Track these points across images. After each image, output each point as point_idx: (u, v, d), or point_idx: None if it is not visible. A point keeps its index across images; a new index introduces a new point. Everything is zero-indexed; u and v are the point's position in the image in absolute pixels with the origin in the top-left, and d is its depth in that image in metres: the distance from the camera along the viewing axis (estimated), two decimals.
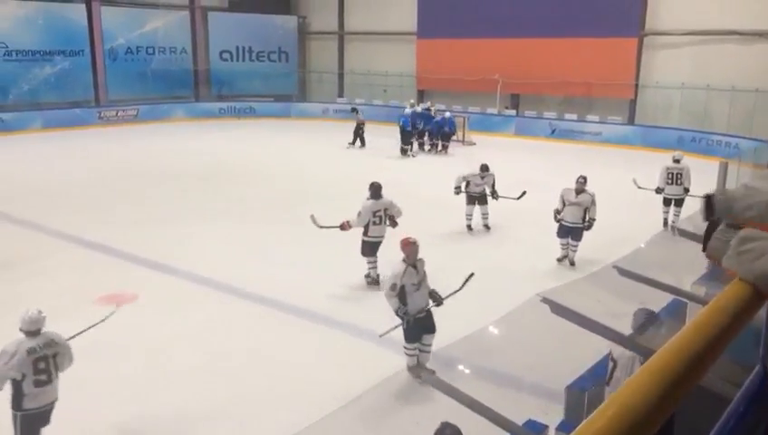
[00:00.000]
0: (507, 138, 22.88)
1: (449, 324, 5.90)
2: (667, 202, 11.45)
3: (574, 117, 22.99)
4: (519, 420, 3.99)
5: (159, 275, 9.32)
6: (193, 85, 28.27)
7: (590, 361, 4.64)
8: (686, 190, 11.16)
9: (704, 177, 11.16)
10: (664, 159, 17.68)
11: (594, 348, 4.16)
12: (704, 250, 1.34)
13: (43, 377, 4.76)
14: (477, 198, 11.39)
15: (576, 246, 9.53)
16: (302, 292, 8.51)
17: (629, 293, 4.62)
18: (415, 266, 6.16)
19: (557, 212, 9.52)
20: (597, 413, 0.87)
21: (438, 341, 4.30)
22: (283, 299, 8.28)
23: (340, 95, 29.26)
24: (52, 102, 23.81)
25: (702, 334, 1.12)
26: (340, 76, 29.69)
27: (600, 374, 4.55)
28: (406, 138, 19.37)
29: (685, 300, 4.38)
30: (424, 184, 14.79)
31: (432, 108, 21.77)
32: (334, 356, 6.86)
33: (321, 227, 8.92)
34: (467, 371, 3.74)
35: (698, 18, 19.85)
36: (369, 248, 8.79)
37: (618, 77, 22.22)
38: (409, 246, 6.25)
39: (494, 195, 11.40)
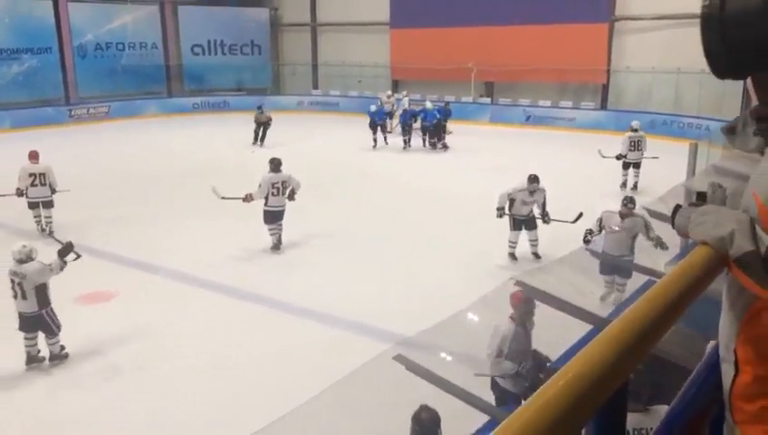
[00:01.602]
0: (483, 126, 22.99)
1: (423, 308, 5.98)
2: (626, 166, 13.29)
3: (548, 103, 23.16)
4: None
5: (139, 274, 9.28)
6: (165, 80, 27.93)
7: (567, 341, 4.70)
8: (642, 154, 13.18)
9: (676, 158, 11.33)
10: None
11: (570, 329, 4.22)
12: (672, 227, 1.41)
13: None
14: (525, 222, 9.37)
15: (624, 285, 6.96)
16: (293, 286, 8.52)
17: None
18: (525, 326, 4.75)
19: (588, 234, 7.45)
20: (550, 382, 0.90)
21: (414, 326, 4.36)
22: (276, 296, 8.29)
23: (315, 87, 29.13)
24: (21, 102, 23.37)
25: (656, 302, 1.15)
26: (314, 68, 29.54)
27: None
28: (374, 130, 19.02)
29: (657, 280, 4.46)
30: (395, 172, 14.84)
31: (387, 98, 21.33)
32: (318, 346, 6.89)
33: (224, 198, 9.89)
34: (443, 355, 3.79)
35: (667, 2, 20.05)
36: (270, 217, 9.90)
37: (589, 62, 22.41)
38: (520, 302, 4.64)
39: (546, 218, 9.31)
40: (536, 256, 9.25)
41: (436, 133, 18.71)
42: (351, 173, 15.46)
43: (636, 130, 13.37)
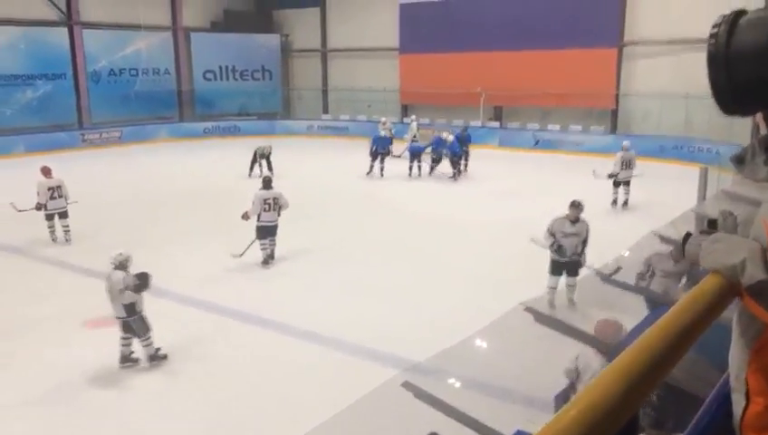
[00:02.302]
0: (492, 149, 23.02)
1: (434, 336, 5.93)
2: (617, 184, 13.91)
3: (557, 128, 23.18)
4: (508, 431, 3.99)
5: (151, 298, 9.26)
6: (177, 106, 28.25)
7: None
8: (632, 172, 13.86)
9: (686, 183, 11.30)
10: (647, 166, 17.89)
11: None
12: (683, 255, 1.40)
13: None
14: (567, 266, 8.21)
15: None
16: (296, 309, 8.49)
17: (613, 300, 4.65)
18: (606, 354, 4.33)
19: (639, 279, 6.53)
20: (560, 413, 0.89)
21: (422, 352, 4.32)
22: (279, 318, 8.26)
23: (325, 112, 29.36)
24: (35, 126, 23.67)
25: (667, 332, 1.14)
26: (324, 93, 29.80)
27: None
28: (374, 156, 18.02)
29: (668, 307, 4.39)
30: (406, 200, 14.84)
31: (383, 125, 19.68)
32: (322, 370, 6.85)
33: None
34: (453, 381, 3.75)
35: (675, 27, 20.14)
36: (263, 232, 10.44)
37: (599, 87, 22.46)
38: (609, 329, 4.23)
39: (582, 258, 8.24)
40: (571, 302, 7.70)
41: (456, 162, 17.62)
42: (358, 198, 15.48)
43: (627, 150, 14.06)
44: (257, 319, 8.32)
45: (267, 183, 10.60)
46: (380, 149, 17.88)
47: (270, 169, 18.17)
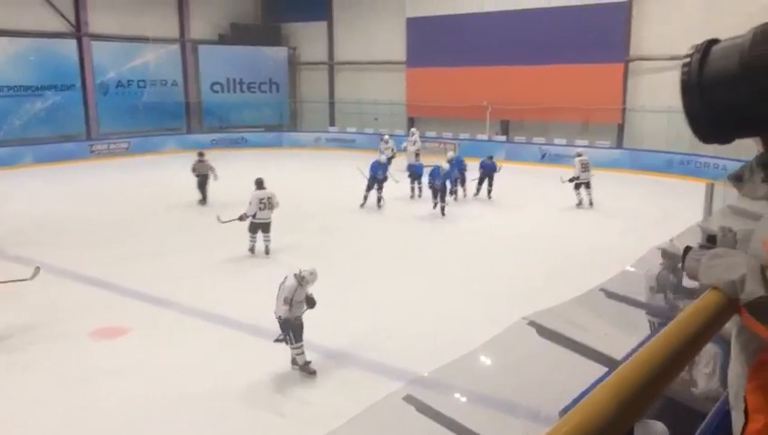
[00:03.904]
0: (498, 163, 22.97)
1: (439, 349, 5.91)
2: (578, 187, 15.32)
3: (563, 142, 23.18)
4: None
5: (155, 309, 9.29)
6: (185, 117, 28.42)
7: (582, 384, 4.62)
8: (590, 174, 15.32)
9: (693, 198, 11.27)
10: (653, 181, 17.89)
11: (583, 371, 4.15)
12: (682, 269, 1.40)
13: None
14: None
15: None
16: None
17: (617, 315, 4.63)
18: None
19: None
20: (553, 429, 0.88)
21: (425, 365, 4.30)
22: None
23: (332, 124, 29.47)
24: (43, 137, 23.85)
25: (665, 347, 1.13)
26: (331, 105, 29.93)
27: None
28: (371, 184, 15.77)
29: None
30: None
31: (386, 143, 19.29)
32: (327, 382, 6.83)
33: (224, 222, 11.39)
34: (455, 395, 3.73)
35: (679, 43, 20.00)
36: (255, 227, 11.52)
37: (605, 102, 22.48)
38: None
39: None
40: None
41: (453, 190, 15.98)
42: (363, 211, 15.42)
43: (581, 156, 15.67)
44: (264, 332, 8.30)
45: (260, 183, 11.63)
46: (378, 177, 15.70)
47: (204, 195, 16.02)
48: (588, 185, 15.38)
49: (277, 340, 7.14)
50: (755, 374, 1.16)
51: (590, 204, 15.45)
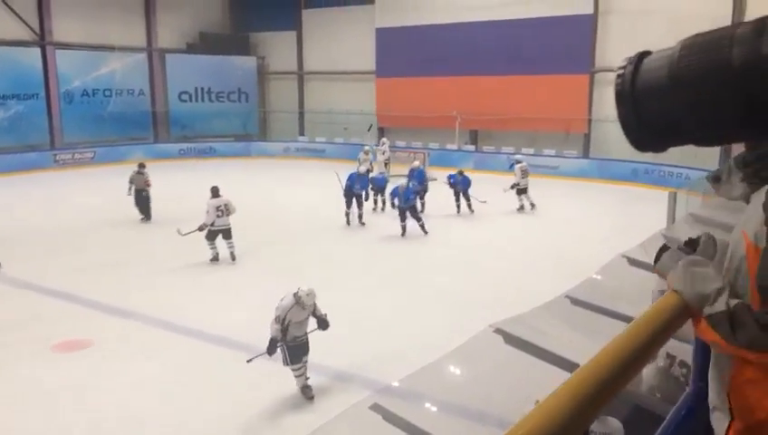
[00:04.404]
0: (467, 173, 23.11)
1: (403, 357, 5.90)
2: (520, 192, 16.28)
3: (531, 151, 23.44)
4: None
5: (120, 321, 9.12)
6: (152, 126, 28.07)
7: (548, 390, 4.65)
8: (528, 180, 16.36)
9: (657, 206, 11.49)
10: (620, 189, 18.19)
11: (549, 377, 4.17)
12: (654, 264, 1.42)
13: None
14: None
15: None
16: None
17: (583, 323, 4.67)
18: None
19: None
20: (509, 432, 0.88)
21: (392, 374, 4.28)
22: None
23: (301, 134, 29.40)
24: (6, 147, 23.31)
25: (622, 349, 1.14)
26: (301, 115, 29.87)
27: None
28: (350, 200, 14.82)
29: None
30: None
31: (365, 154, 18.79)
32: (287, 394, 6.76)
33: (184, 234, 11.54)
34: (424, 405, 3.72)
35: None
36: (213, 235, 11.65)
37: (571, 112, 22.84)
38: None
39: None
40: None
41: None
42: (330, 221, 15.27)
43: (520, 162, 16.79)
44: (230, 342, 8.21)
45: (216, 191, 11.85)
46: (357, 190, 14.75)
47: (147, 212, 15.12)
48: (526, 190, 16.32)
49: (250, 360, 6.91)
50: (737, 373, 1.17)
51: (532, 206, 16.32)
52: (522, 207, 16.42)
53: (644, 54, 0.90)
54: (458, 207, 15.97)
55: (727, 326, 1.10)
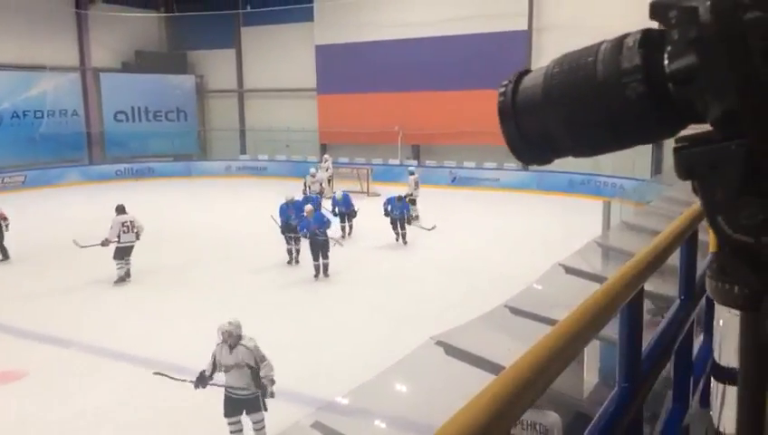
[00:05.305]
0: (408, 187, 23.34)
1: (345, 373, 5.84)
2: (413, 202, 16.62)
3: (473, 165, 23.85)
4: None
5: (50, 349, 8.77)
6: (86, 148, 27.28)
7: None
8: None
9: (593, 215, 11.81)
10: (558, 200, 18.60)
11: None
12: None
13: None
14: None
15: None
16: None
17: (522, 331, 4.73)
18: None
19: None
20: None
21: (332, 391, 4.25)
22: (184, 364, 7.94)
23: (243, 152, 29.12)
24: None
25: (547, 348, 1.16)
26: (242, 133, 29.59)
27: None
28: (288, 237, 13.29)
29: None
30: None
31: (312, 176, 19.14)
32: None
33: (83, 247, 11.38)
34: (365, 420, 3.70)
35: None
36: (121, 252, 11.57)
37: None
38: None
39: None
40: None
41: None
42: (269, 236, 15.07)
43: (413, 174, 17.97)
44: (161, 363, 7.99)
45: (121, 209, 11.78)
46: (292, 222, 13.07)
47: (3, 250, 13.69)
48: (415, 202, 16.99)
49: (157, 373, 6.61)
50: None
51: (416, 217, 16.17)
52: (416, 218, 15.79)
53: (524, 73, 0.93)
54: (396, 235, 14.91)
55: None
